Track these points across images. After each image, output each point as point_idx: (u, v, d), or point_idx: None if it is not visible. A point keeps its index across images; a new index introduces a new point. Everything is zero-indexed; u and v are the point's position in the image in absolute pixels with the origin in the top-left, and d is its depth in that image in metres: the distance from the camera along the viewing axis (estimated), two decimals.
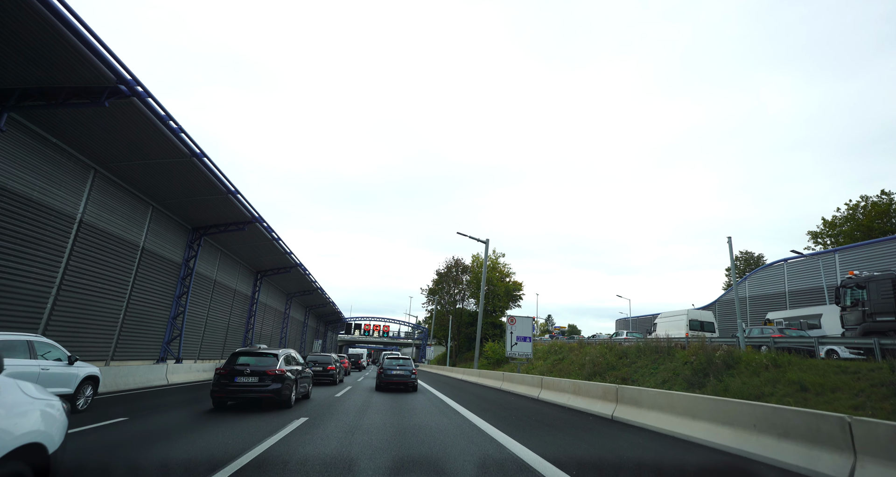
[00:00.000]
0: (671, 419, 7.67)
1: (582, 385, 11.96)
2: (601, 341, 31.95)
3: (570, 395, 12.46)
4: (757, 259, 57.34)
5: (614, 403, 9.99)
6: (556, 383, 13.75)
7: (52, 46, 8.69)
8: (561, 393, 13.18)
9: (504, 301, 65.37)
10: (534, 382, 16.03)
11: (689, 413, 7.30)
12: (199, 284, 22.69)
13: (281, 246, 27.11)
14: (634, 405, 9.10)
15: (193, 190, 17.16)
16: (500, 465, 5.42)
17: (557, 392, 13.47)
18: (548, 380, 14.73)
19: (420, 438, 6.94)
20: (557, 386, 13.61)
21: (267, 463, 5.23)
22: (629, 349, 22.51)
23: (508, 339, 27.58)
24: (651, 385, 16.67)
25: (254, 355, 10.83)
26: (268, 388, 10.18)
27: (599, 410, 10.38)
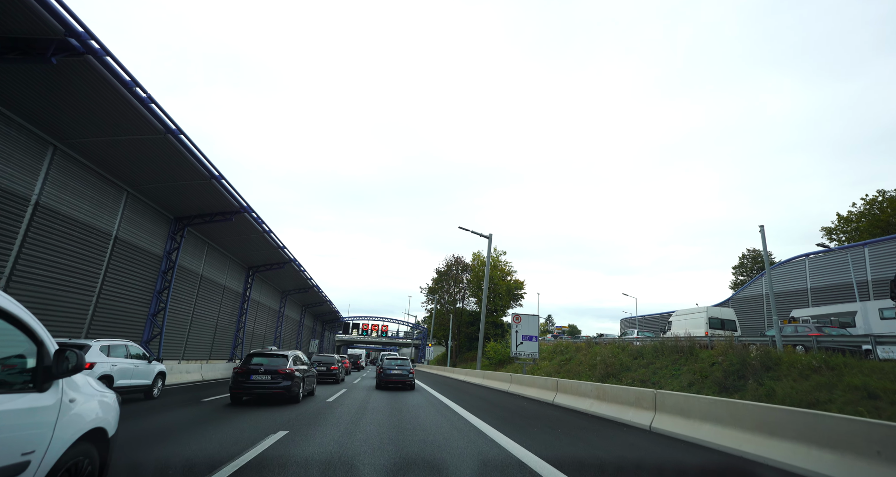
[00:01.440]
0: (736, 435, 6.16)
1: (608, 390, 10.45)
2: (610, 341, 30.51)
3: (593, 400, 10.95)
4: None
5: (651, 411, 8.49)
6: (576, 387, 12.24)
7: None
8: (581, 398, 11.67)
9: (505, 300, 63.85)
10: (548, 384, 14.52)
11: (763, 429, 5.79)
12: (183, 279, 21.15)
13: (273, 239, 25.56)
14: (680, 415, 7.60)
15: (172, 174, 15.61)
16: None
17: (577, 397, 11.96)
18: (564, 382, 13.23)
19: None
20: (577, 390, 12.10)
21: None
22: (644, 349, 21.04)
23: (514, 338, 26.11)
24: (675, 388, 15.19)
25: (266, 356, 12.11)
26: (279, 385, 11.43)
27: (632, 419, 8.88)
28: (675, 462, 5.83)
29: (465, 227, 32.45)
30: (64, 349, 2.95)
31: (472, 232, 32.42)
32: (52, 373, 2.86)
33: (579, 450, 6.57)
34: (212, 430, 7.29)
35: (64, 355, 2.92)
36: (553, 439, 7.31)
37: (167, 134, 12.86)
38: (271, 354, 12.34)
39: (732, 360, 13.86)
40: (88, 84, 10.09)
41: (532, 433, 7.87)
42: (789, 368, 11.74)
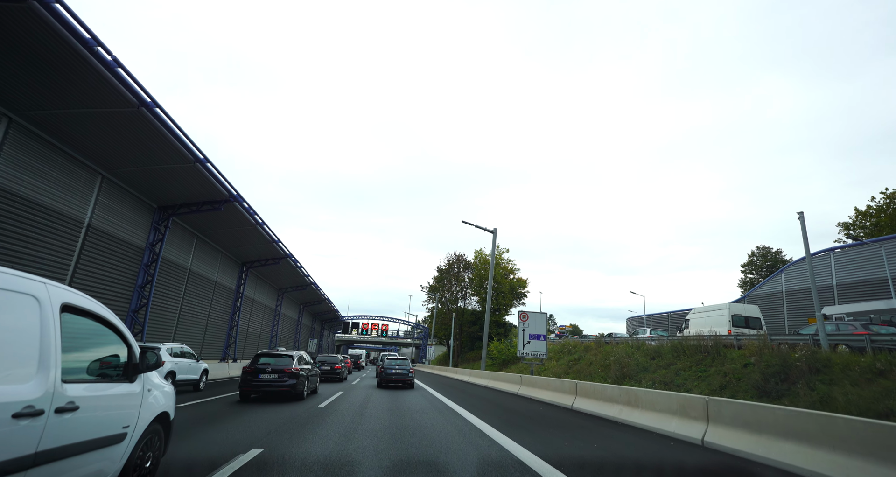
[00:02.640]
0: (839, 462, 4.75)
1: (641, 395, 9.03)
2: (622, 340, 29.12)
3: (622, 406, 9.55)
4: (775, 254, 54.41)
5: (702, 421, 7.08)
6: (600, 391, 10.83)
7: None
8: (607, 403, 10.25)
9: (508, 298, 62.36)
10: (565, 387, 13.12)
11: (880, 454, 4.39)
12: (169, 273, 19.76)
13: (267, 232, 24.18)
14: (745, 429, 6.19)
15: (151, 156, 14.23)
16: None
17: (602, 402, 10.54)
18: (586, 385, 11.81)
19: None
20: (601, 394, 10.69)
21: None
22: (662, 348, 19.64)
23: (521, 337, 24.71)
24: (704, 391, 13.78)
25: (273, 356, 12.78)
26: (286, 383, 12.10)
27: (676, 430, 7.48)
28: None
29: (468, 222, 31.06)
30: (145, 350, 4.00)
31: (477, 226, 31.03)
32: (139, 368, 3.82)
33: (631, 466, 5.17)
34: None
35: (146, 355, 3.91)
36: (585, 452, 5.92)
37: (140, 107, 11.47)
38: (278, 355, 13.04)
39: (770, 361, 12.45)
40: (37, 39, 8.70)
41: (553, 441, 6.47)
42: (843, 370, 10.34)
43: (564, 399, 12.72)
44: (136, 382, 3.80)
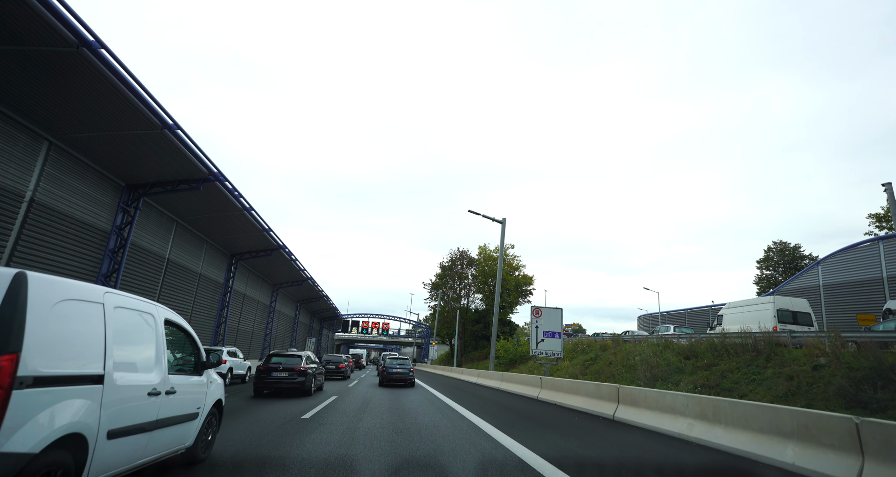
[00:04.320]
0: None
1: (725, 407, 6.77)
2: (641, 338, 26.88)
3: (693, 420, 7.31)
4: (793, 250, 52.01)
5: (851, 454, 4.83)
6: (656, 398, 8.59)
7: None
8: (669, 416, 8.01)
9: (514, 296, 60.04)
10: (602, 392, 10.88)
11: None
12: (141, 262, 17.56)
13: (256, 219, 21.99)
14: None
15: (109, 119, 12.02)
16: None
17: (659, 414, 8.31)
18: (633, 391, 9.59)
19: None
20: (659, 402, 8.44)
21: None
22: (696, 347, 17.40)
23: (534, 334, 22.47)
24: (766, 398, 11.50)
25: (284, 356, 13.97)
26: (295, 380, 13.14)
27: (795, 460, 5.26)
28: None
29: (475, 211, 28.86)
30: (209, 352, 6.27)
31: (484, 216, 28.85)
32: (206, 365, 5.24)
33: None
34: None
35: (209, 355, 5.41)
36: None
37: (81, 47, 9.26)
38: (288, 354, 14.23)
39: (854, 363, 10.21)
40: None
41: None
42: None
43: (602, 407, 10.49)
44: (202, 375, 5.14)
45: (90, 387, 3.25)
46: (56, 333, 3.03)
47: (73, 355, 3.17)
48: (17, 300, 2.76)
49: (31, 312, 2.82)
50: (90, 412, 3.19)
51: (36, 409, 2.75)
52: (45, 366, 2.87)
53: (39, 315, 2.89)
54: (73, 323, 3.22)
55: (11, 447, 2.55)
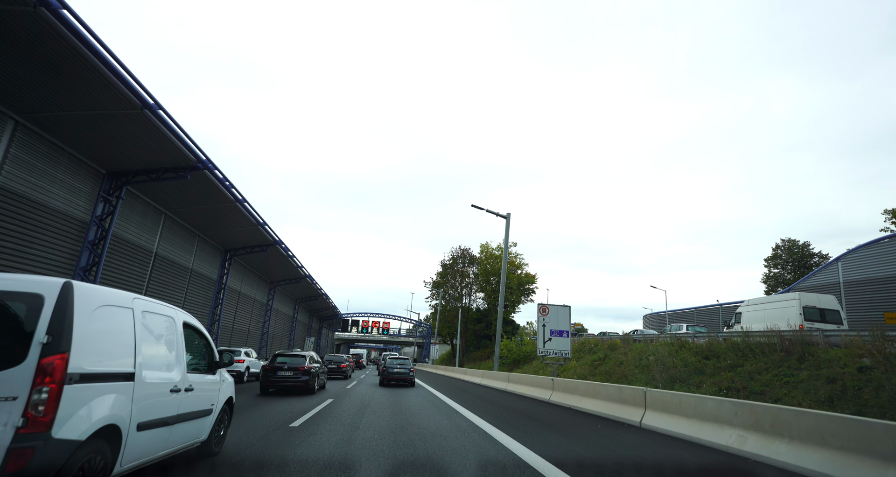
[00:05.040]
0: None
1: (785, 416, 5.69)
2: (652, 337, 25.83)
3: (743, 431, 6.25)
4: (802, 248, 50.89)
5: None
6: (693, 404, 7.51)
7: None
8: (710, 425, 6.95)
9: (516, 294, 58.94)
10: (625, 396, 9.82)
11: None
12: (125, 255, 16.50)
13: (250, 213, 20.95)
14: None
15: (81, 96, 10.96)
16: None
17: (698, 422, 7.24)
18: (663, 395, 8.52)
19: None
20: (697, 409, 7.37)
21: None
22: (716, 346, 16.35)
23: (541, 333, 21.41)
24: (804, 402, 10.43)
25: (288, 356, 14.62)
26: (300, 379, 13.85)
27: None
28: None
29: (479, 206, 27.77)
30: (222, 352, 6.03)
31: (488, 211, 27.77)
32: (219, 364, 5.56)
33: None
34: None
35: (222, 355, 5.77)
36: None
37: (38, 6, 8.20)
38: (292, 355, 14.75)
39: None
40: None
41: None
42: None
43: (625, 412, 9.43)
44: (216, 374, 5.50)
45: (123, 383, 3.57)
46: (96, 335, 3.36)
47: (110, 355, 3.51)
48: (66, 306, 3.07)
49: (77, 316, 3.14)
50: (123, 406, 3.51)
51: (82, 402, 3.09)
52: (89, 364, 3.19)
53: (83, 319, 3.21)
54: (109, 326, 3.54)
55: (64, 435, 2.89)
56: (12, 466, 2.66)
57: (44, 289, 3.12)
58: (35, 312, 3.02)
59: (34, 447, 2.75)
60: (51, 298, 3.08)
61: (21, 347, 2.91)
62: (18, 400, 2.79)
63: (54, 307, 3.04)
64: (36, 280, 3.20)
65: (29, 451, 2.72)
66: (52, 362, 2.90)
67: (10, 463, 2.66)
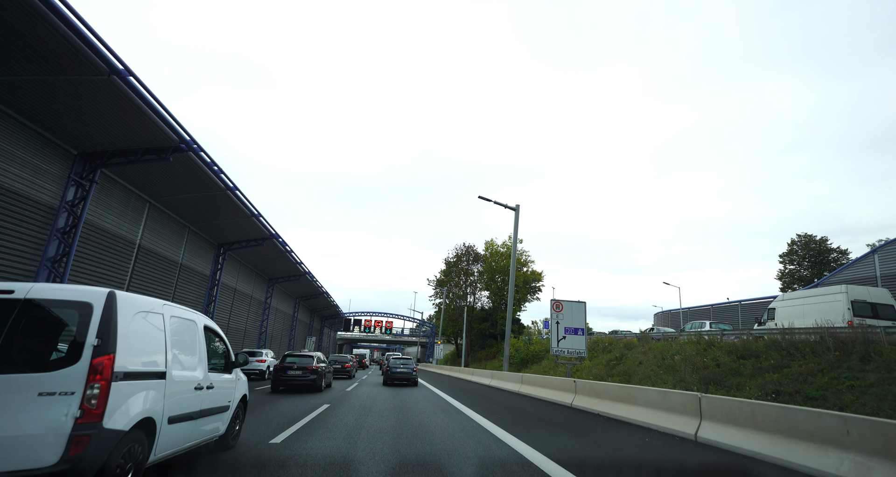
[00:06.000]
0: None
1: None
2: (672, 335, 24.28)
3: (866, 459, 4.70)
4: (819, 243, 49.04)
5: None
6: (774, 415, 5.95)
7: None
8: (805, 445, 5.40)
9: (522, 293, 57.23)
10: (671, 402, 8.28)
11: None
12: (102, 245, 15.07)
13: (243, 202, 19.52)
14: None
15: (35, 56, 9.52)
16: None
17: (782, 438, 5.71)
18: (725, 403, 6.98)
19: None
20: (778, 423, 5.82)
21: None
22: (752, 345, 14.80)
23: (554, 331, 19.92)
24: (878, 410, 8.89)
25: (297, 356, 15.53)
26: (308, 378, 14.54)
27: None
28: None
29: (486, 197, 26.25)
30: (237, 353, 6.32)
31: (496, 202, 26.25)
32: (235, 364, 5.99)
33: None
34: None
35: (238, 356, 6.18)
36: None
37: None
38: (301, 355, 15.48)
39: None
40: None
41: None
42: None
43: (673, 422, 7.90)
44: (232, 373, 5.89)
45: (157, 381, 3.99)
46: (134, 338, 3.77)
47: (145, 355, 3.93)
48: (111, 313, 3.53)
49: (120, 321, 3.59)
50: (157, 401, 3.91)
51: (125, 397, 3.51)
52: (129, 364, 3.61)
53: (124, 324, 3.64)
54: (144, 330, 3.97)
55: (112, 425, 3.34)
56: (73, 450, 3.07)
57: (92, 298, 3.50)
58: (86, 318, 3.40)
59: (90, 435, 3.15)
60: (98, 306, 3.45)
61: (76, 349, 3.31)
62: (75, 395, 3.18)
63: (101, 314, 3.43)
64: (84, 290, 3.58)
65: (86, 438, 3.13)
66: (101, 362, 3.30)
67: (72, 447, 3.07)
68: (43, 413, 3.11)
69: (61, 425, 3.09)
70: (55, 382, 3.19)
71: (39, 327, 3.53)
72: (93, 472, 3.17)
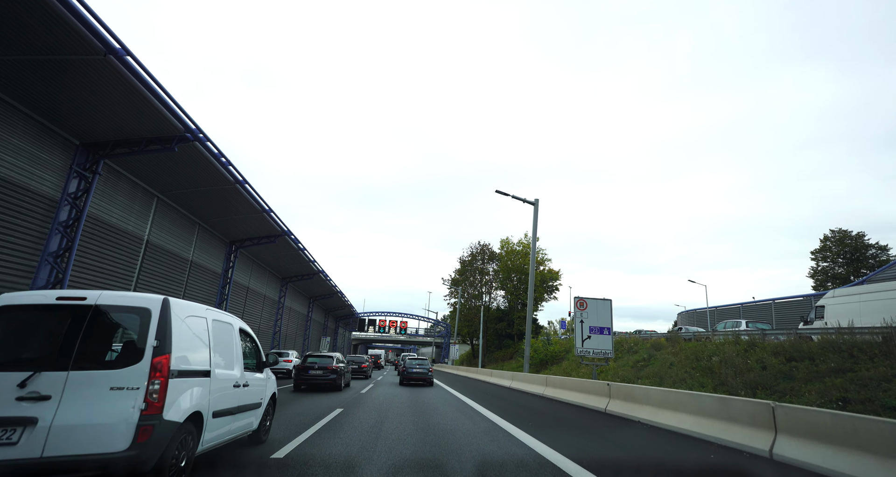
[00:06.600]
0: None
1: None
2: (703, 335, 22.88)
3: None
4: (856, 239, 46.53)
5: None
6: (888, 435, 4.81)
7: None
8: None
9: (539, 292, 55.90)
10: (733, 412, 7.15)
11: None
12: (106, 240, 14.51)
13: (254, 196, 18.89)
14: None
15: (25, 34, 8.88)
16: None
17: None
18: (811, 414, 5.86)
19: None
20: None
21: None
22: (805, 347, 13.48)
23: (578, 330, 18.78)
24: None
25: (318, 357, 15.81)
26: (329, 377, 14.86)
27: None
28: None
29: (504, 191, 25.23)
30: (268, 354, 6.81)
31: (514, 197, 25.21)
32: (266, 364, 6.38)
33: None
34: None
35: (268, 356, 6.56)
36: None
37: None
38: (321, 355, 15.86)
39: None
40: None
41: None
42: None
43: (735, 435, 6.79)
44: (263, 373, 6.30)
45: (203, 379, 4.37)
46: (185, 340, 4.19)
47: (194, 355, 4.33)
48: (166, 317, 3.95)
49: (174, 325, 4.01)
50: (204, 397, 4.30)
51: (179, 392, 3.89)
52: (182, 363, 4.04)
53: (177, 327, 4.05)
54: (193, 332, 4.38)
55: (170, 417, 3.73)
56: (140, 437, 3.48)
57: (150, 304, 3.97)
58: (146, 322, 3.87)
59: (153, 425, 3.57)
60: (155, 311, 3.92)
61: (138, 349, 3.76)
62: (140, 389, 3.60)
63: (158, 318, 3.89)
64: (143, 297, 4.06)
65: (150, 427, 3.54)
66: (160, 361, 3.74)
67: (139, 435, 3.49)
68: (114, 405, 3.52)
69: (130, 416, 3.50)
70: (123, 378, 3.61)
71: (107, 330, 3.97)
72: (155, 458, 3.54)
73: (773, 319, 30.57)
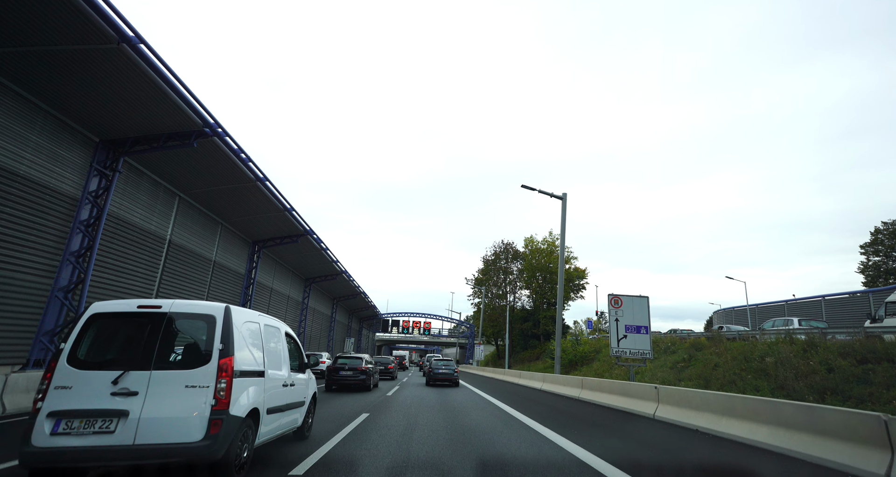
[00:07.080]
0: None
1: None
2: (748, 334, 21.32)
3: None
4: None
5: None
6: None
7: None
8: None
9: (566, 290, 54.23)
10: (832, 424, 6.10)
11: None
12: (128, 239, 14.30)
13: (275, 195, 18.55)
14: None
15: (36, 23, 8.56)
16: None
17: None
18: None
19: None
20: None
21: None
22: (878, 346, 12.10)
23: (613, 329, 17.65)
24: None
25: (348, 358, 16.28)
26: (359, 378, 15.31)
27: None
28: None
29: (530, 186, 24.25)
30: (309, 356, 8.02)
31: (541, 191, 24.25)
32: (308, 365, 6.82)
33: None
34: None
35: (310, 358, 7.14)
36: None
37: None
38: (351, 356, 16.43)
39: None
40: None
41: None
42: None
43: (831, 451, 5.75)
44: (305, 373, 6.66)
45: (258, 378, 4.80)
46: (244, 343, 4.63)
47: (251, 357, 4.75)
48: (229, 323, 4.41)
49: (235, 329, 4.46)
50: (259, 395, 4.70)
51: (241, 390, 4.33)
52: (242, 364, 4.45)
53: (237, 332, 4.51)
54: (249, 336, 4.82)
55: (235, 412, 4.14)
56: (212, 429, 3.91)
57: (214, 311, 4.44)
58: (212, 327, 4.33)
59: (222, 419, 3.99)
60: (219, 318, 4.39)
61: (207, 352, 4.23)
62: (209, 388, 4.04)
63: (222, 324, 4.36)
64: (208, 305, 4.51)
65: (220, 421, 3.96)
66: (225, 363, 4.18)
67: (212, 428, 3.91)
68: (190, 401, 3.95)
69: (203, 410, 3.93)
70: (195, 378, 4.05)
71: (180, 334, 4.40)
72: (225, 447, 3.94)
73: (823, 316, 28.43)
